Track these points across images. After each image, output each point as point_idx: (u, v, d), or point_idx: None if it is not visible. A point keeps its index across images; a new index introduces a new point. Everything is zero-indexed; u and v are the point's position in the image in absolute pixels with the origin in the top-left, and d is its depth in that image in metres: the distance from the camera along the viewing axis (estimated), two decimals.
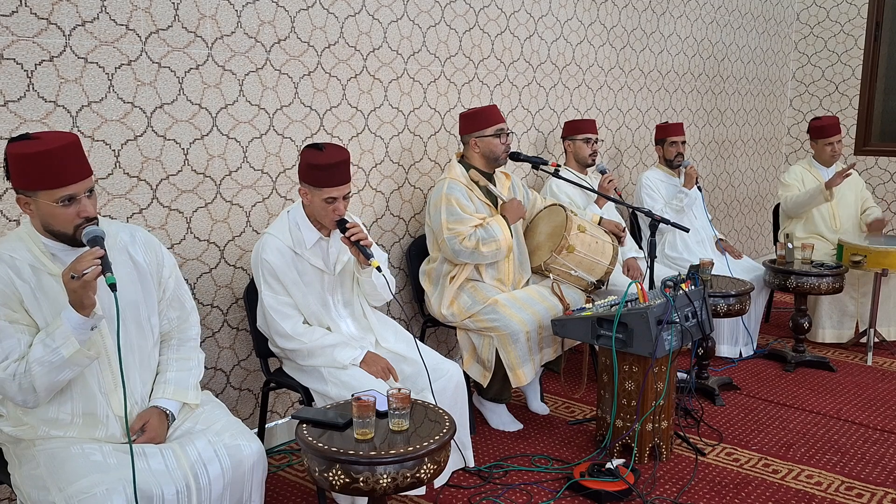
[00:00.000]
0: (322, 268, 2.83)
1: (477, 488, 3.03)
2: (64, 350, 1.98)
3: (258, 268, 2.76)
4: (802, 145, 7.07)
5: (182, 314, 2.42)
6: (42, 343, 2.00)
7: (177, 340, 2.41)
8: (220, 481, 2.12)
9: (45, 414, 2.12)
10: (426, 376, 2.83)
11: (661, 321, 3.02)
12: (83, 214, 2.04)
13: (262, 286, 2.76)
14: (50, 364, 1.99)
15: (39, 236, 2.10)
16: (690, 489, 3.05)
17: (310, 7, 3.29)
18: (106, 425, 2.17)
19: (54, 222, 2.05)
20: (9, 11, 2.46)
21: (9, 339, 2.02)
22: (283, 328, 2.76)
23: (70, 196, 2.02)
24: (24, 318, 2.07)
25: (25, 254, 2.08)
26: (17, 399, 2.05)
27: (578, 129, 4.28)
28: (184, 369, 2.36)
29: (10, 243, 2.10)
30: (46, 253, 2.10)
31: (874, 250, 4.43)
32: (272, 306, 2.76)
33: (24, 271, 2.07)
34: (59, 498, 1.93)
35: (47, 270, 2.09)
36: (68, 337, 1.98)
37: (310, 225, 2.80)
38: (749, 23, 6.38)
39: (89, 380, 2.15)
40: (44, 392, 2.04)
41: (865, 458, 3.34)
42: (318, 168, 2.66)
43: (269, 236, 2.77)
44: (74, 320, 1.98)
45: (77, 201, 2.03)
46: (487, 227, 3.41)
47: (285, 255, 2.76)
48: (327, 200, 2.69)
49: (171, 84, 2.89)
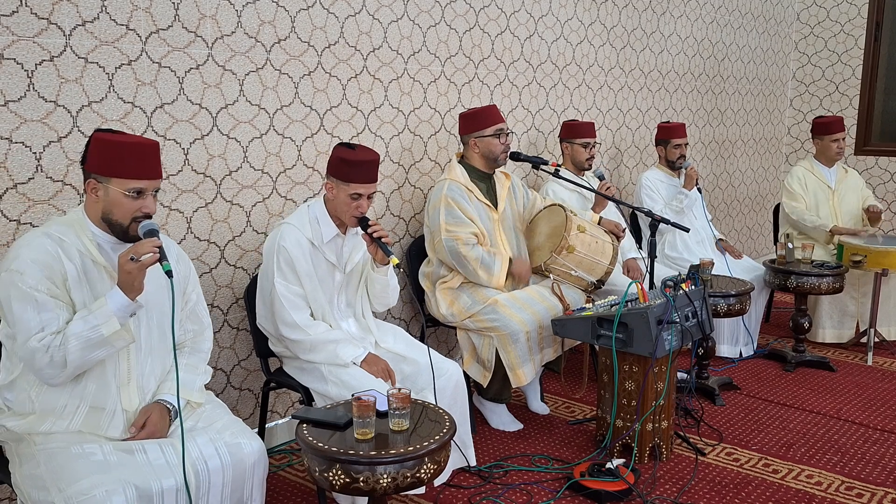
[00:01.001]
0: (335, 263, 2.85)
1: (477, 488, 3.03)
2: (104, 329, 2.04)
3: (274, 255, 2.77)
4: (803, 145, 7.07)
5: (199, 328, 2.47)
6: (83, 319, 2.05)
7: (189, 350, 2.45)
8: (219, 477, 2.13)
9: (55, 401, 2.14)
10: (426, 376, 2.84)
11: (661, 321, 3.02)
12: (144, 210, 2.14)
13: (276, 274, 2.77)
14: (87, 340, 2.03)
15: (89, 225, 2.17)
16: (690, 489, 3.05)
17: (310, 7, 3.29)
18: (111, 419, 2.18)
19: (116, 211, 2.13)
20: (9, 11, 2.46)
21: (48, 312, 2.06)
22: (292, 317, 2.77)
23: (140, 189, 2.13)
24: (65, 296, 2.11)
25: (74, 239, 2.15)
26: (43, 372, 2.07)
27: (576, 133, 4.26)
28: (191, 372, 2.39)
29: (59, 227, 2.16)
30: (94, 242, 2.17)
31: (874, 250, 4.43)
32: (283, 294, 2.77)
33: (72, 254, 2.13)
34: (58, 498, 1.93)
35: (92, 258, 2.15)
36: (110, 317, 2.04)
37: (329, 220, 2.83)
38: (749, 23, 6.38)
39: (108, 370, 2.18)
40: (72, 368, 2.07)
41: (865, 458, 3.34)
42: (349, 163, 2.71)
43: (289, 226, 2.80)
44: (120, 302, 2.05)
45: (143, 196, 2.14)
46: (492, 256, 3.43)
47: (303, 245, 2.79)
48: (353, 196, 2.73)
49: (172, 84, 2.89)
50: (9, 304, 2.06)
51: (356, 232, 2.91)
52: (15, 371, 2.17)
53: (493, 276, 3.44)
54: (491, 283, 3.45)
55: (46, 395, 2.14)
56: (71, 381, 2.14)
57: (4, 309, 2.08)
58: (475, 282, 3.47)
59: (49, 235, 2.12)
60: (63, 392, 2.14)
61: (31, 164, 2.56)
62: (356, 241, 2.93)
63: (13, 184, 2.53)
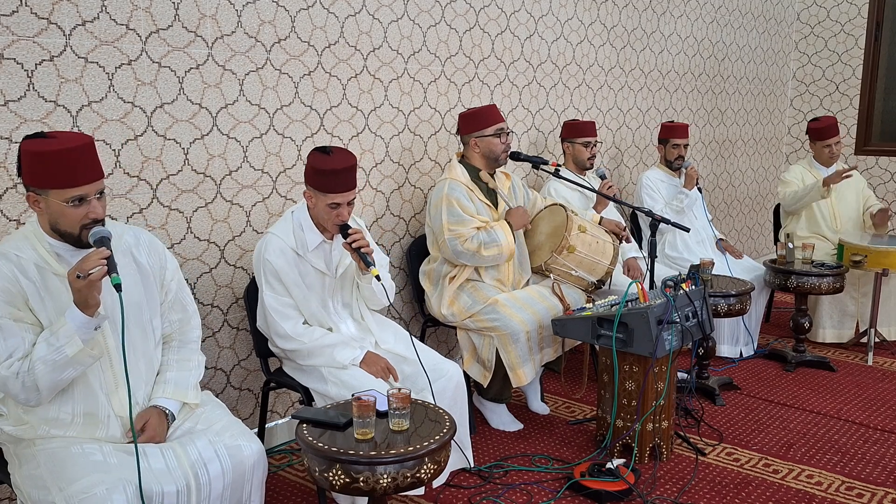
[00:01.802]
0: (324, 270, 2.83)
1: (477, 488, 3.03)
2: (68, 349, 1.98)
3: (260, 267, 2.76)
4: (803, 145, 7.07)
5: (184, 317, 2.42)
6: (46, 342, 2.00)
7: (178, 342, 2.41)
8: (220, 481, 2.12)
9: (46, 413, 2.12)
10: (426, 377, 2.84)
11: (661, 321, 3.02)
12: (92, 216, 2.05)
13: (264, 286, 2.76)
14: (53, 363, 1.99)
15: (45, 236, 2.11)
16: (691, 489, 3.05)
17: (310, 7, 3.29)
18: (107, 426, 2.17)
19: (62, 222, 2.05)
20: (9, 11, 2.46)
21: (13, 337, 2.02)
22: (284, 329, 2.76)
23: (80, 196, 2.03)
24: (29, 316, 2.07)
25: (31, 252, 2.09)
26: (19, 397, 2.05)
27: (578, 133, 4.27)
28: (184, 370, 2.36)
29: (15, 242, 2.10)
30: (52, 252, 2.10)
31: (874, 250, 4.43)
32: (272, 307, 2.76)
33: (29, 270, 2.07)
34: (59, 498, 1.93)
35: (52, 270, 2.09)
36: (72, 336, 1.98)
37: (313, 227, 2.80)
38: (749, 22, 6.37)
39: (91, 380, 2.15)
40: (46, 391, 2.04)
41: (866, 458, 3.34)
42: (324, 174, 2.66)
43: (272, 236, 2.77)
44: (78, 319, 1.99)
45: (87, 202, 2.04)
46: (490, 231, 3.41)
47: (287, 255, 2.76)
48: (331, 206, 2.69)
49: (172, 84, 2.89)
50: None
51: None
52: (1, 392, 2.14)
53: (502, 245, 3.39)
54: (504, 253, 3.41)
55: (37, 411, 2.12)
56: (58, 395, 2.11)
57: None
58: (488, 264, 3.45)
59: (5, 256, 2.05)
60: (52, 406, 2.12)
61: None
62: None
63: (13, 183, 2.53)
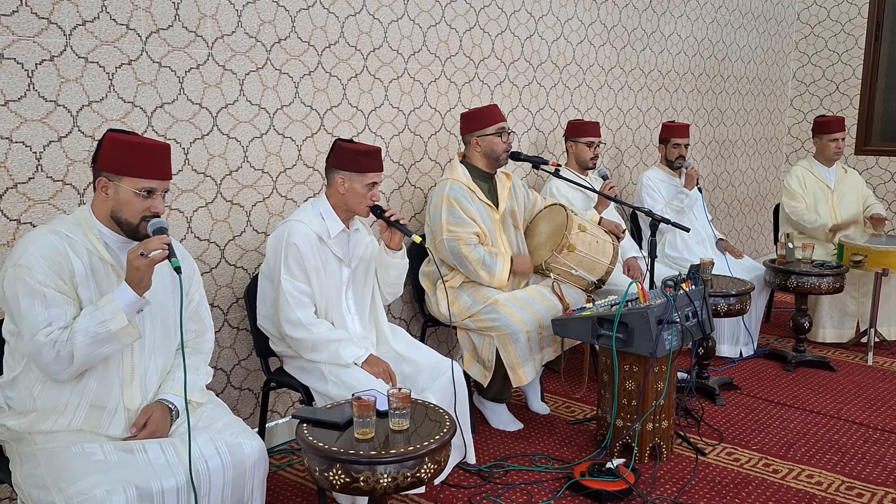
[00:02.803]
0: (342, 257, 2.88)
1: (477, 488, 3.03)
2: (112, 324, 2.04)
3: (282, 252, 2.78)
4: (803, 145, 7.07)
5: (200, 329, 2.47)
6: (90, 314, 2.06)
7: (191, 349, 2.44)
8: (220, 477, 2.13)
9: (57, 398, 2.14)
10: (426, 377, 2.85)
11: (661, 321, 3.02)
12: (154, 209, 2.17)
13: (283, 271, 2.77)
14: (95, 335, 2.04)
15: (97, 223, 2.19)
16: (691, 489, 3.05)
17: (310, 7, 3.29)
18: (112, 418, 2.18)
19: (126, 210, 2.15)
20: (9, 11, 2.46)
21: (56, 307, 2.07)
22: (296, 315, 2.77)
23: (150, 189, 2.16)
24: (72, 292, 2.12)
25: (81, 236, 2.16)
26: (49, 368, 2.08)
27: (582, 132, 4.27)
28: (192, 372, 2.39)
29: (66, 224, 2.17)
30: (101, 240, 2.18)
31: (874, 250, 4.43)
32: (289, 291, 2.77)
33: (79, 250, 2.14)
34: (59, 498, 1.94)
35: (99, 256, 2.16)
36: (118, 312, 2.05)
37: (335, 216, 2.86)
38: (749, 22, 6.37)
39: (111, 366, 2.19)
40: (79, 364, 2.07)
41: (866, 457, 3.34)
42: (364, 154, 2.80)
43: (297, 223, 2.81)
44: (128, 297, 2.06)
45: (153, 196, 2.17)
46: (494, 257, 3.43)
47: (312, 241, 2.80)
48: (368, 186, 2.80)
49: (172, 84, 2.89)
50: (16, 299, 2.06)
51: (356, 228, 2.94)
52: (17, 368, 2.17)
53: (495, 277, 3.44)
54: (493, 284, 3.45)
55: (48, 393, 2.14)
56: (73, 378, 2.14)
57: (11, 304, 2.09)
58: (477, 281, 3.47)
59: (57, 233, 2.13)
60: (65, 389, 2.14)
61: (31, 163, 2.56)
62: (359, 237, 2.96)
63: (13, 183, 2.53)
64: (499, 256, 3.45)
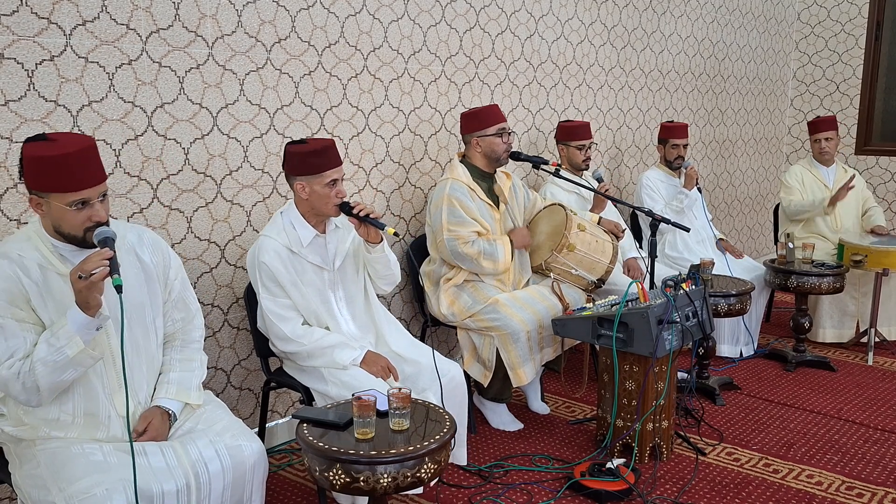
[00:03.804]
0: (321, 264, 2.83)
1: (477, 488, 3.03)
2: (68, 350, 1.98)
3: (255, 271, 2.76)
4: (803, 145, 7.07)
5: (187, 316, 2.42)
6: (46, 342, 2.00)
7: (180, 342, 2.41)
8: (220, 479, 2.12)
9: (47, 414, 2.12)
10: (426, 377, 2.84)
11: (661, 321, 3.02)
12: (95, 219, 2.05)
13: (260, 289, 2.76)
14: (54, 363, 1.99)
15: (48, 236, 2.11)
16: (691, 489, 3.05)
17: (310, 6, 3.29)
18: (108, 426, 2.17)
19: (65, 225, 2.05)
20: (9, 11, 2.46)
21: (14, 337, 2.02)
22: (282, 331, 2.76)
23: (83, 200, 2.03)
24: (31, 316, 2.07)
25: (33, 253, 2.08)
26: (20, 398, 2.05)
27: (571, 136, 4.25)
28: (187, 370, 2.36)
29: (18, 242, 2.10)
30: (55, 253, 2.10)
31: (875, 250, 4.43)
32: (270, 309, 2.75)
33: (31, 270, 2.07)
34: (59, 498, 1.93)
35: (55, 270, 2.09)
36: (73, 337, 1.98)
37: (305, 223, 2.80)
38: (750, 22, 6.37)
39: (93, 380, 2.15)
40: (47, 392, 2.03)
41: (866, 457, 3.34)
42: (314, 154, 2.70)
43: (265, 238, 2.77)
44: (79, 320, 1.98)
45: (90, 205, 2.04)
46: (493, 243, 3.42)
47: (282, 255, 2.76)
48: (329, 185, 2.71)
49: (172, 83, 2.89)
50: None
51: (335, 227, 2.89)
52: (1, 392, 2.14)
53: (499, 262, 3.41)
54: (498, 270, 3.42)
55: (37, 412, 2.12)
56: (59, 396, 2.10)
57: None
58: (482, 274, 3.46)
59: (6, 256, 2.05)
60: (53, 406, 2.12)
61: None
62: (339, 235, 2.90)
63: (14, 183, 2.53)
64: (497, 241, 3.43)
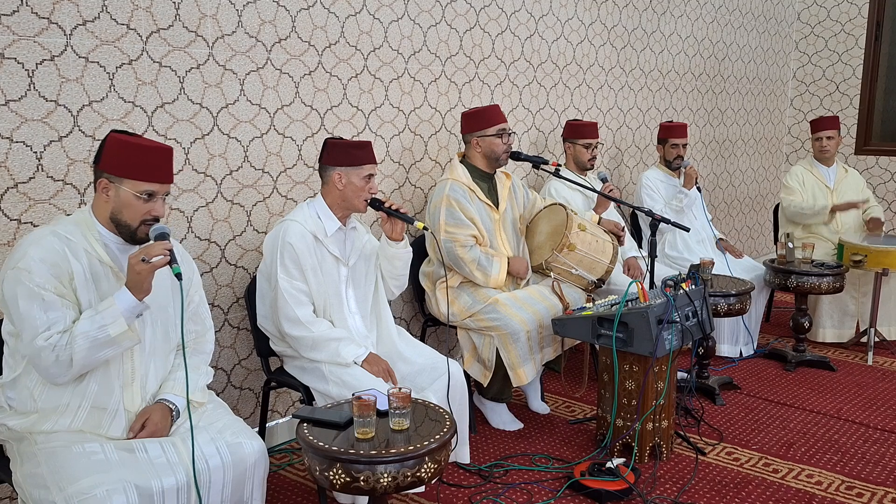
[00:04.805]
0: (340, 256, 2.88)
1: (477, 487, 3.04)
2: (112, 329, 2.04)
3: (278, 251, 2.78)
4: (803, 145, 7.08)
5: (200, 329, 2.47)
6: (90, 318, 2.05)
7: (191, 350, 2.44)
8: (220, 476, 2.13)
9: (59, 399, 2.14)
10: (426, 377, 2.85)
11: (661, 320, 3.02)
12: (153, 213, 2.17)
13: (280, 270, 2.78)
14: (94, 340, 2.04)
15: (97, 225, 2.18)
16: (691, 488, 3.05)
17: (311, 6, 3.29)
18: (112, 419, 2.18)
19: (126, 212, 2.14)
20: (10, 11, 2.46)
21: (55, 310, 2.07)
22: (295, 313, 2.78)
23: (151, 192, 2.15)
24: (71, 295, 2.11)
25: (81, 238, 2.15)
26: (48, 371, 2.08)
27: (579, 134, 4.26)
28: (193, 372, 2.38)
29: (66, 226, 2.16)
30: (100, 242, 2.17)
31: (874, 250, 4.43)
32: (287, 290, 2.77)
33: (79, 253, 2.13)
34: (59, 497, 1.94)
35: (98, 258, 2.15)
36: (118, 317, 2.05)
37: (331, 214, 2.88)
38: (750, 22, 6.38)
39: (111, 369, 2.18)
40: (78, 367, 2.07)
41: (866, 457, 3.34)
42: (357, 147, 2.84)
43: (292, 222, 2.82)
44: (128, 302, 2.06)
45: (154, 199, 2.17)
46: (490, 259, 3.43)
47: (307, 240, 2.81)
48: (366, 178, 2.84)
49: (172, 83, 2.89)
50: (15, 301, 2.05)
51: (353, 227, 2.95)
52: (18, 369, 2.17)
53: (491, 278, 3.44)
54: (489, 284, 3.45)
55: (49, 394, 2.14)
56: (74, 380, 2.14)
57: (10, 306, 2.08)
58: (473, 280, 3.47)
59: (56, 234, 2.12)
60: (66, 390, 2.14)
61: (31, 163, 2.56)
62: (357, 235, 2.97)
63: (14, 183, 2.53)
64: (495, 258, 3.45)
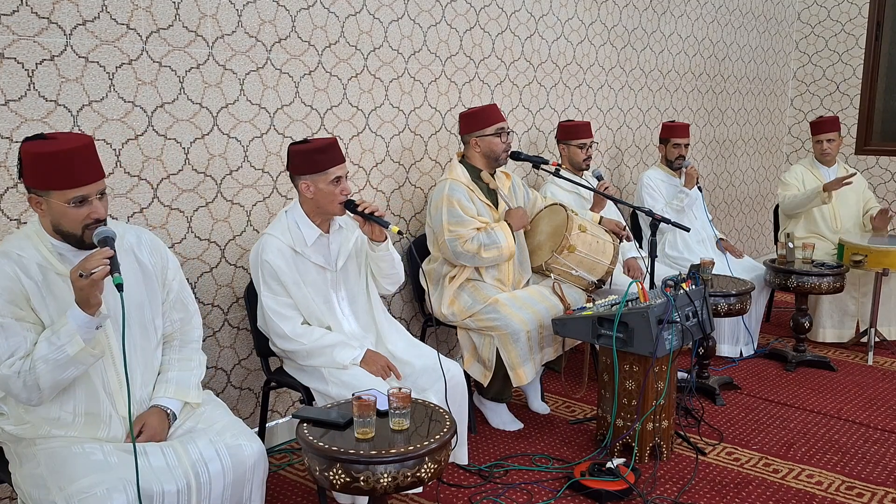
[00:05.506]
0: (324, 265, 2.84)
1: (477, 487, 3.03)
2: (69, 348, 1.99)
3: (258, 269, 2.76)
4: (803, 145, 7.08)
5: (185, 316, 2.42)
6: (47, 341, 2.00)
7: (179, 342, 2.41)
8: (220, 480, 2.12)
9: (48, 413, 2.12)
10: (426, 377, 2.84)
11: (661, 321, 3.02)
12: (94, 216, 2.06)
13: (262, 287, 2.76)
14: (55, 362, 1.99)
15: (47, 236, 2.11)
16: (691, 489, 3.05)
17: (310, 6, 3.29)
18: (108, 425, 2.17)
19: (64, 222, 2.06)
20: (10, 10, 2.46)
21: (14, 336, 2.03)
22: (283, 329, 2.76)
23: (82, 197, 2.04)
24: (31, 315, 2.07)
25: (33, 252, 2.09)
26: (21, 397, 2.05)
27: (572, 135, 4.25)
28: (185, 369, 2.37)
29: (17, 241, 2.11)
30: (54, 252, 2.11)
31: (875, 250, 4.43)
32: (271, 308, 2.76)
33: (31, 269, 2.07)
34: (59, 497, 1.93)
35: (54, 270, 2.10)
36: (73, 335, 1.98)
37: (309, 222, 2.80)
38: (750, 22, 6.37)
39: (94, 379, 2.15)
40: (47, 390, 2.04)
41: (866, 457, 3.34)
42: (317, 152, 2.71)
43: (269, 237, 2.77)
44: (80, 319, 1.99)
45: (88, 203, 2.06)
46: (490, 232, 3.40)
47: (286, 254, 2.76)
48: (334, 182, 2.73)
49: (172, 83, 2.89)
50: None
51: (339, 227, 2.89)
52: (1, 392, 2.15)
53: (502, 247, 3.40)
54: (503, 255, 3.41)
55: (38, 410, 2.12)
56: (59, 394, 2.11)
57: None
58: (488, 265, 3.45)
59: (6, 255, 2.06)
60: (53, 405, 2.12)
61: None
62: (342, 236, 2.90)
63: (13, 183, 2.53)
64: (495, 228, 3.42)
